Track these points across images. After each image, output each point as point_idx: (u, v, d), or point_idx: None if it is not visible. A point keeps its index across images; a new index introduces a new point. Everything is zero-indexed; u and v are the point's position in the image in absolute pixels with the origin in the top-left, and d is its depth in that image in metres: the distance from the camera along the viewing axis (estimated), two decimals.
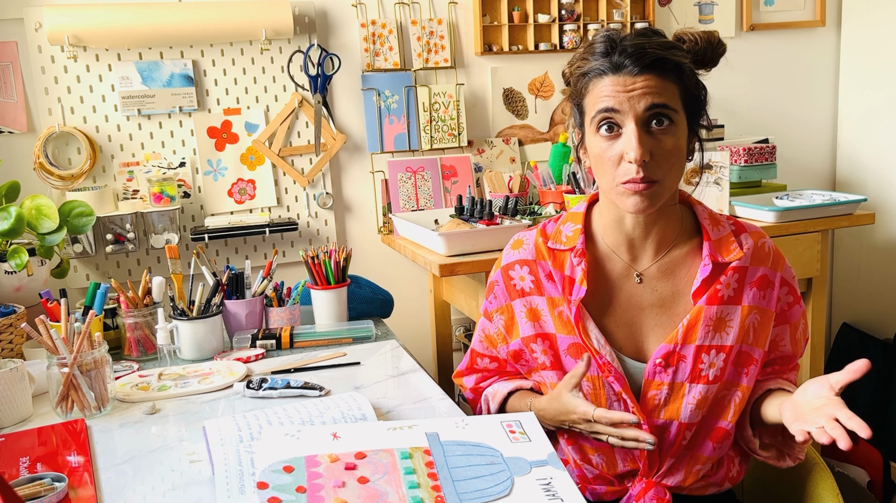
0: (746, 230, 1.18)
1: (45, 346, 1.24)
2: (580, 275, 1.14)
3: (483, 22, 2.27)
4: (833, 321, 2.81)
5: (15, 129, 1.96)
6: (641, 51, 1.04)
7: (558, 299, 1.17)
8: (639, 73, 1.04)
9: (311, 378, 1.37)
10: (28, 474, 1.02)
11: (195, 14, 1.96)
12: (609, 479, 1.17)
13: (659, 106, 1.04)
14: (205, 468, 1.05)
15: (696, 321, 1.11)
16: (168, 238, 1.99)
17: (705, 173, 2.06)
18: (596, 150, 1.09)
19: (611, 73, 1.05)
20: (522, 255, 1.21)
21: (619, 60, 1.05)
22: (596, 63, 1.07)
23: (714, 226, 1.16)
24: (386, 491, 0.89)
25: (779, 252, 1.18)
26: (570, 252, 1.17)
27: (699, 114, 1.13)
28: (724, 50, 1.13)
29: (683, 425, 1.12)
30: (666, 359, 1.11)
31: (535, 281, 1.19)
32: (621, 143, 1.05)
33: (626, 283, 1.17)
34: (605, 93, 1.05)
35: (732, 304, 1.13)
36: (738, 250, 1.14)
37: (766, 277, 1.15)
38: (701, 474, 1.15)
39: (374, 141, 2.22)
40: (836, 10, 2.67)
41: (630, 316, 1.16)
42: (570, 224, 1.20)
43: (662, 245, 1.16)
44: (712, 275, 1.13)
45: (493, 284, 1.25)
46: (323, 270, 1.66)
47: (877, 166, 2.59)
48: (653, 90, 1.04)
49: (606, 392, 1.13)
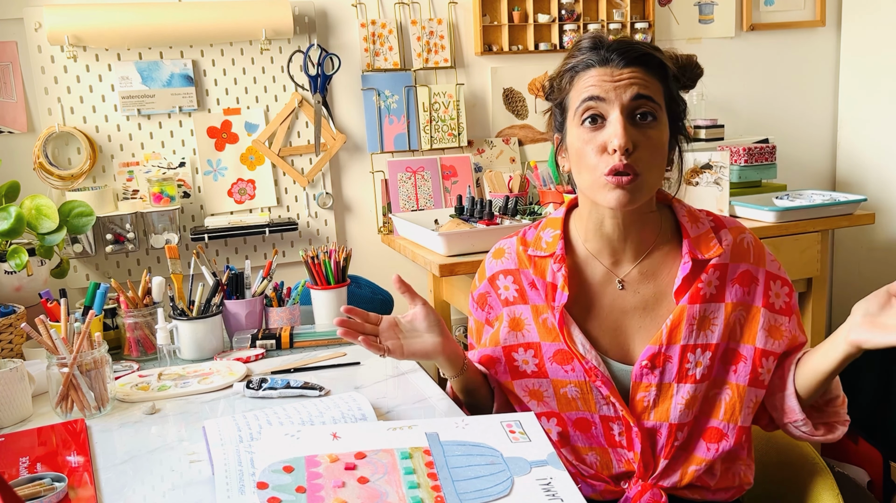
0: (726, 226, 1.17)
1: (45, 346, 1.24)
2: (561, 280, 1.14)
3: (483, 22, 2.27)
4: (833, 321, 2.81)
5: (15, 129, 1.96)
6: (628, 46, 1.07)
7: (542, 306, 1.16)
8: (625, 65, 1.06)
9: (311, 378, 1.37)
10: (28, 474, 1.02)
11: (195, 14, 1.96)
12: (605, 479, 1.17)
13: (644, 97, 1.05)
14: (205, 468, 1.05)
15: (679, 321, 1.11)
16: (168, 238, 1.99)
17: (705, 173, 2.05)
18: (577, 144, 1.09)
19: (597, 66, 1.08)
20: (506, 265, 1.21)
21: (605, 54, 1.07)
22: (583, 56, 1.09)
23: (693, 223, 1.16)
24: (386, 491, 0.89)
25: (760, 246, 1.18)
26: (551, 258, 1.17)
27: (680, 122, 1.14)
28: (700, 73, 1.16)
29: (674, 426, 1.11)
30: (652, 360, 1.11)
31: (519, 290, 1.19)
32: (605, 133, 1.06)
33: (608, 288, 1.17)
34: (591, 83, 1.07)
35: (715, 302, 1.13)
36: (718, 246, 1.13)
37: (749, 273, 1.15)
38: (697, 475, 1.15)
39: (374, 141, 2.22)
40: (836, 10, 2.67)
41: (614, 320, 1.16)
42: (549, 230, 1.21)
43: (642, 248, 1.16)
44: (693, 272, 1.13)
45: (484, 296, 1.24)
46: (323, 270, 1.66)
47: (877, 166, 2.59)
48: (639, 82, 1.05)
49: (595, 396, 1.13)
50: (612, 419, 1.14)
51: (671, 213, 1.20)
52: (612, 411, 1.13)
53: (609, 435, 1.15)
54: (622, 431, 1.14)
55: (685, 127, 1.16)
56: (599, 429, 1.15)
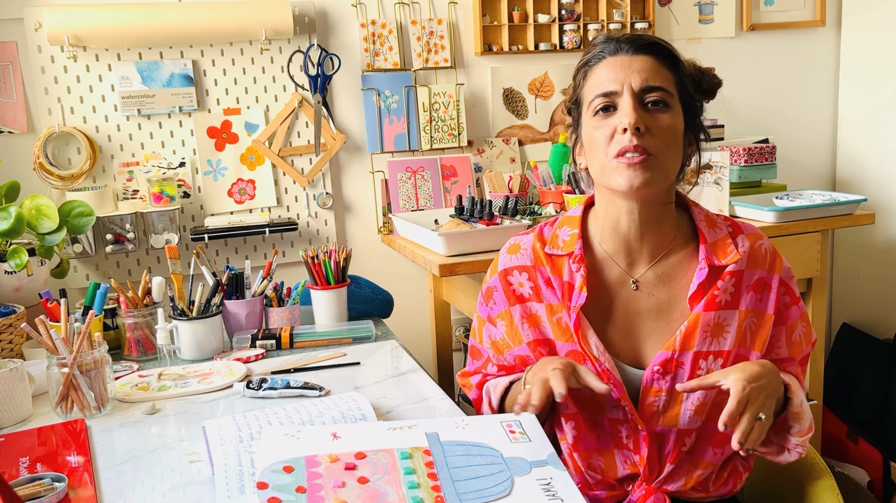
0: (743, 231, 1.17)
1: (45, 346, 1.24)
2: (580, 281, 1.13)
3: (483, 22, 2.27)
4: (833, 321, 2.81)
5: (15, 129, 1.96)
6: (638, 37, 1.11)
7: (557, 306, 1.15)
8: (635, 52, 1.09)
9: (311, 378, 1.37)
10: (28, 474, 1.02)
11: (195, 14, 1.96)
12: (610, 484, 1.16)
13: (655, 88, 1.07)
14: (205, 468, 1.05)
15: (694, 328, 1.10)
16: (168, 238, 1.99)
17: (705, 173, 2.05)
18: (589, 132, 1.11)
19: (609, 56, 1.11)
20: (521, 261, 1.20)
21: (616, 45, 1.11)
22: (596, 51, 1.13)
23: (710, 228, 1.16)
24: (386, 491, 0.89)
25: (776, 253, 1.17)
26: (569, 258, 1.16)
27: (696, 117, 1.14)
28: (719, 83, 1.18)
29: (683, 431, 1.11)
30: (664, 366, 1.10)
31: (535, 287, 1.18)
32: (616, 117, 1.08)
33: (622, 290, 1.16)
34: (603, 77, 1.09)
35: (730, 309, 1.12)
36: (735, 252, 1.13)
37: (763, 280, 1.14)
38: (702, 478, 1.14)
39: (374, 141, 2.22)
40: (836, 10, 2.67)
41: (628, 322, 1.15)
42: (566, 228, 1.20)
43: (658, 249, 1.15)
44: (709, 279, 1.12)
45: (491, 290, 1.22)
46: (323, 270, 1.66)
47: (877, 166, 2.59)
48: (648, 71, 1.08)
49: (605, 398, 1.13)
50: (620, 422, 1.13)
51: (688, 216, 1.19)
52: (621, 414, 1.12)
53: (617, 437, 1.14)
54: (629, 434, 1.13)
55: (702, 125, 1.17)
56: (607, 430, 1.14)
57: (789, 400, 1.09)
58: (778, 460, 1.14)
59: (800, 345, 1.17)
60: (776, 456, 1.14)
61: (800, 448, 1.12)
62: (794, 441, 1.11)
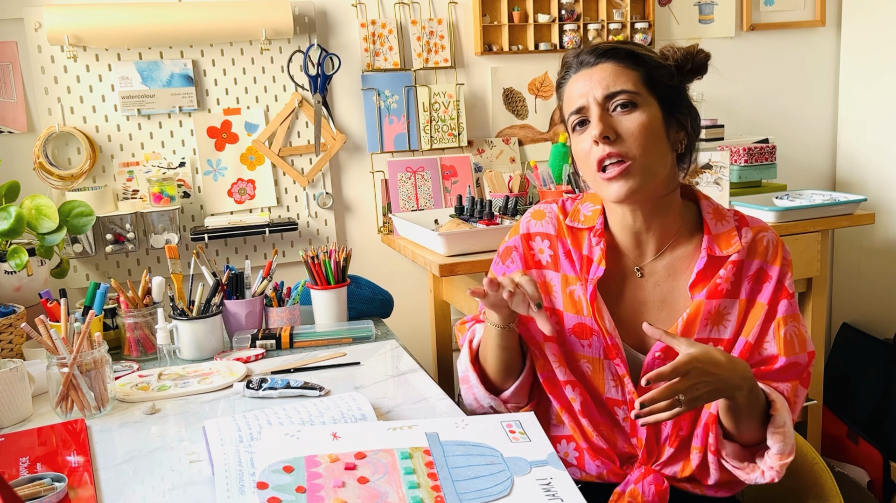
0: (749, 224, 1.19)
1: (45, 346, 1.24)
2: (598, 254, 1.17)
3: (483, 22, 2.27)
4: (833, 321, 2.81)
5: (15, 129, 1.96)
6: (597, 46, 1.15)
7: (572, 278, 1.18)
8: (595, 62, 1.13)
9: (311, 378, 1.37)
10: (28, 474, 1.02)
11: (195, 14, 1.96)
12: (612, 457, 1.18)
13: (617, 93, 1.10)
14: (205, 468, 1.05)
15: (695, 315, 1.13)
16: (168, 238, 1.99)
17: (705, 173, 2.06)
18: (576, 149, 1.15)
19: (574, 72, 1.15)
20: (545, 229, 1.23)
21: (579, 60, 1.15)
22: (563, 71, 1.19)
23: (718, 220, 1.18)
24: (386, 491, 0.89)
25: (779, 246, 1.17)
26: (589, 231, 1.19)
27: (677, 104, 1.14)
28: (704, 56, 1.18)
29: (681, 416, 1.12)
30: (665, 352, 1.13)
31: (554, 256, 1.21)
32: (588, 130, 1.11)
33: (630, 278, 1.19)
34: (574, 93, 1.14)
35: (731, 298, 1.14)
36: (738, 243, 1.15)
37: (763, 270, 1.15)
38: (697, 466, 1.15)
39: (374, 141, 2.22)
40: (836, 10, 2.67)
41: (633, 309, 1.18)
42: (589, 204, 1.23)
43: (664, 239, 1.18)
44: (709, 268, 1.14)
45: (510, 249, 1.25)
46: (323, 270, 1.66)
47: (877, 166, 2.59)
48: (609, 77, 1.11)
49: (605, 375, 1.15)
50: (617, 403, 1.16)
51: (696, 206, 1.22)
52: (619, 394, 1.15)
53: (614, 418, 1.17)
54: (626, 417, 1.16)
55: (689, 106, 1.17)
56: (606, 408, 1.17)
57: (771, 416, 1.07)
58: (748, 479, 1.11)
59: (791, 345, 1.12)
60: (748, 473, 1.10)
61: (775, 471, 1.08)
62: (770, 462, 1.07)
